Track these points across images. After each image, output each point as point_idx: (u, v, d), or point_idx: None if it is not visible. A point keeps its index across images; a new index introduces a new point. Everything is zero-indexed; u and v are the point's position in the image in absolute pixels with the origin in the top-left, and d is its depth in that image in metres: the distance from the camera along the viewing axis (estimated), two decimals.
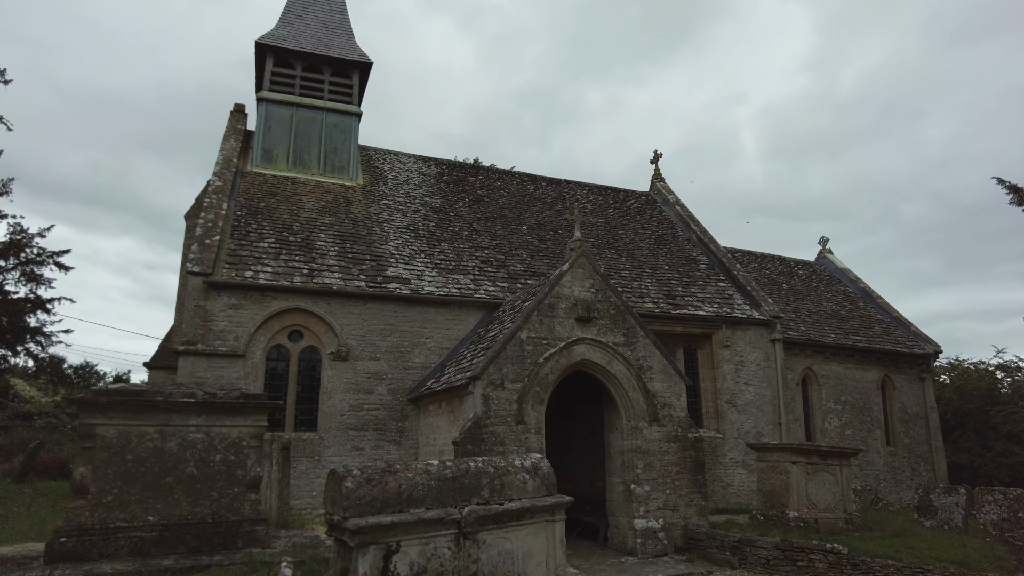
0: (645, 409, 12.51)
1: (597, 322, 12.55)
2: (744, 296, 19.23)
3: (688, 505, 12.41)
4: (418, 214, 18.32)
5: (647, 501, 12.08)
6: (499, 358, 11.67)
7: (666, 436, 12.52)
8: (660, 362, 12.87)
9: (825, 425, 20.23)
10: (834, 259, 26.66)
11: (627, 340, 12.71)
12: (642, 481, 12.14)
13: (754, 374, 18.17)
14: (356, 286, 14.86)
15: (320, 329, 14.59)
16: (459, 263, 16.70)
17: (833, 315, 22.74)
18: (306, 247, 15.61)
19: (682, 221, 22.20)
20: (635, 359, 12.64)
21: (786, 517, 11.99)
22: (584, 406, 14.71)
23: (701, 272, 19.95)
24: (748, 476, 17.44)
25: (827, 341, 20.64)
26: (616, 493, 12.54)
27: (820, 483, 12.43)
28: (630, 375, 12.52)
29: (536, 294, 12.66)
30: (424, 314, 15.27)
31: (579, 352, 12.26)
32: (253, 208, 16.44)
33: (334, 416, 14.24)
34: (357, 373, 14.58)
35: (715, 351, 17.86)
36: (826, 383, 20.48)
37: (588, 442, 14.60)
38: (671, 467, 12.44)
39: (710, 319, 17.75)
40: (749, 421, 17.80)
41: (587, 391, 14.04)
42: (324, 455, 14.01)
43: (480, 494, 6.69)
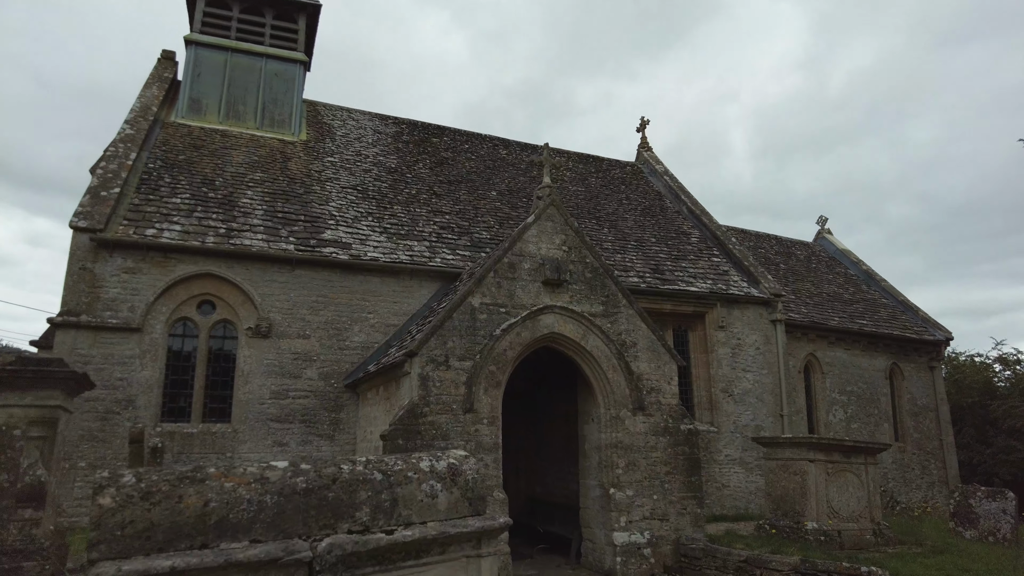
0: (628, 395, 9.94)
1: (569, 287, 9.96)
2: (741, 272, 16.73)
3: (680, 514, 9.86)
4: (368, 174, 15.63)
5: (630, 509, 9.51)
6: (443, 329, 9.04)
7: (653, 428, 9.97)
8: (647, 337, 10.30)
9: (829, 418, 17.78)
10: (833, 240, 24.26)
11: (606, 310, 10.13)
12: (623, 484, 9.58)
13: (753, 359, 15.66)
14: (282, 249, 12.15)
15: (237, 299, 11.88)
16: (414, 228, 14.05)
17: (835, 298, 20.30)
18: (227, 205, 12.88)
19: (671, 192, 19.68)
20: (616, 333, 10.07)
21: (802, 528, 9.47)
22: (559, 392, 12.12)
23: (693, 246, 17.42)
24: (747, 476, 14.94)
25: (832, 324, 18.18)
26: (591, 499, 9.96)
27: (843, 486, 9.92)
28: (610, 353, 9.95)
29: (494, 252, 10.04)
30: (367, 284, 12.59)
31: (546, 323, 9.67)
32: (170, 161, 13.69)
33: (252, 405, 11.55)
34: (281, 353, 11.88)
35: (709, 333, 15.34)
36: (830, 371, 18.02)
37: (563, 436, 12.02)
38: (659, 466, 9.89)
39: (703, 296, 15.22)
40: (747, 412, 15.29)
41: (563, 373, 11.44)
42: (239, 452, 11.31)
43: (355, 516, 4.01)
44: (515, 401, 13.55)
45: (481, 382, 9.03)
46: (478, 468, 4.65)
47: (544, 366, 12.44)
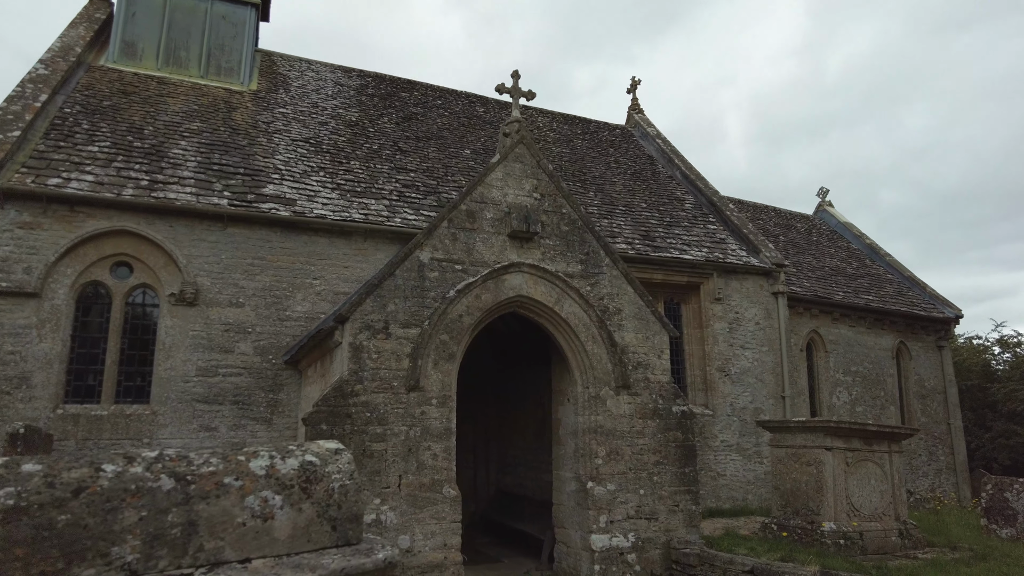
0: (610, 370, 8.20)
1: (541, 242, 8.18)
2: (739, 241, 14.97)
3: (672, 511, 8.17)
4: (325, 127, 13.72)
5: (611, 506, 7.81)
6: (382, 290, 7.25)
7: (640, 410, 8.26)
8: (634, 303, 8.55)
9: (833, 400, 16.13)
10: (835, 213, 22.53)
11: (586, 270, 8.37)
12: (604, 476, 7.87)
13: (752, 335, 13.95)
14: (213, 204, 10.29)
15: (158, 261, 10.03)
16: (372, 185, 12.20)
17: (838, 272, 18.60)
18: (155, 155, 10.99)
19: (664, 156, 17.85)
20: (597, 298, 8.31)
21: (817, 530, 7.79)
22: (534, 369, 10.39)
23: (687, 213, 15.63)
24: (745, 464, 13.28)
25: (836, 299, 16.47)
26: (566, 494, 8.25)
27: (864, 479, 8.23)
28: (589, 320, 8.19)
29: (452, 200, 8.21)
30: (312, 246, 10.76)
31: (513, 284, 7.89)
32: (92, 107, 11.75)
33: (175, 383, 9.74)
34: (210, 324, 10.07)
35: (704, 306, 13.60)
36: (834, 350, 16.35)
37: (537, 420, 10.29)
38: (647, 455, 8.18)
39: (698, 264, 13.46)
40: (746, 394, 13.60)
41: (538, 346, 9.69)
42: (158, 437, 9.53)
43: (111, 554, 2.27)
44: (481, 379, 11.80)
45: (430, 354, 7.26)
46: (351, 472, 2.90)
47: (517, 338, 10.69)
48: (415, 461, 6.96)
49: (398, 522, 6.77)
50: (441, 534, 6.92)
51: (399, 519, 6.78)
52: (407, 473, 6.91)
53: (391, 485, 6.82)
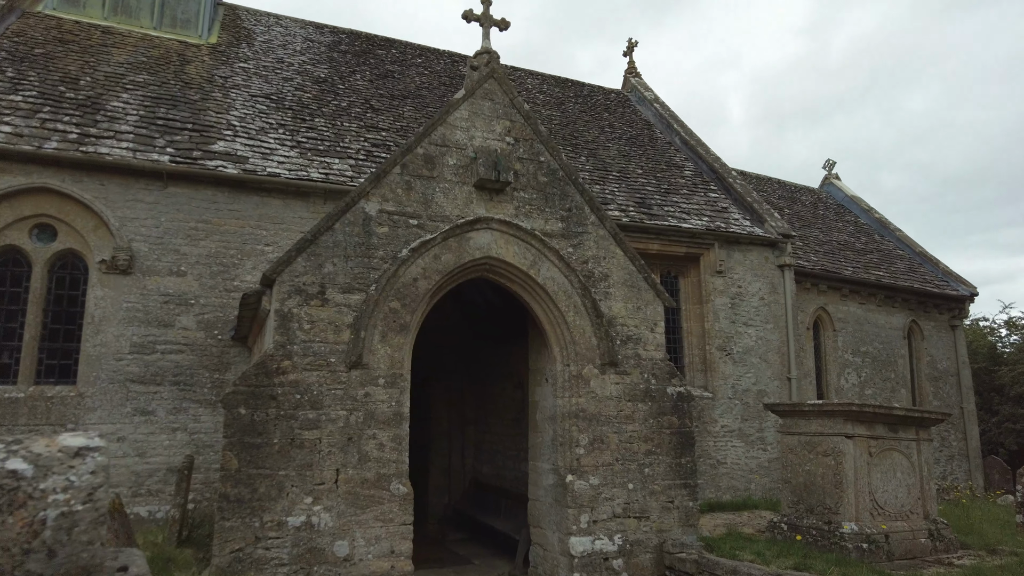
0: (595, 345, 6.93)
1: (515, 195, 6.87)
2: (743, 210, 13.64)
3: (665, 508, 6.95)
4: (290, 83, 12.35)
5: (594, 503, 6.58)
6: (317, 246, 5.97)
7: (630, 391, 7.00)
8: (623, 268, 7.26)
9: (841, 382, 14.88)
10: (842, 186, 21.13)
11: (567, 229, 7.07)
12: (586, 469, 6.64)
13: (756, 311, 12.67)
14: (151, 160, 8.98)
15: (87, 224, 8.74)
16: (337, 144, 10.86)
17: (847, 247, 17.27)
18: (89, 107, 9.65)
19: (662, 122, 16.44)
20: (580, 261, 7.03)
21: (835, 531, 6.56)
22: (514, 346, 9.14)
23: (686, 180, 14.28)
24: (747, 450, 12.06)
25: (845, 275, 15.16)
26: (543, 488, 7.03)
27: (889, 471, 6.98)
28: (570, 287, 6.91)
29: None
30: (265, 208, 9.45)
31: (480, 244, 6.60)
32: (20, 54, 10.39)
33: (106, 361, 8.50)
34: (147, 295, 8.80)
35: (704, 279, 12.30)
36: (843, 329, 15.07)
37: (517, 403, 9.06)
38: (637, 444, 6.94)
39: (698, 234, 12.14)
40: (748, 375, 12.35)
41: (520, 321, 8.44)
42: (85, 421, 8.30)
43: None
44: (458, 358, 10.56)
45: (376, 325, 5.98)
46: (93, 489, 1.56)
47: (498, 312, 9.43)
48: (356, 452, 5.72)
49: (334, 525, 5.54)
50: (387, 539, 5.69)
51: (335, 521, 5.55)
52: (346, 467, 5.67)
53: (326, 481, 5.59)
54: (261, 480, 5.39)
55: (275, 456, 5.46)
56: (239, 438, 5.38)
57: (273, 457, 5.45)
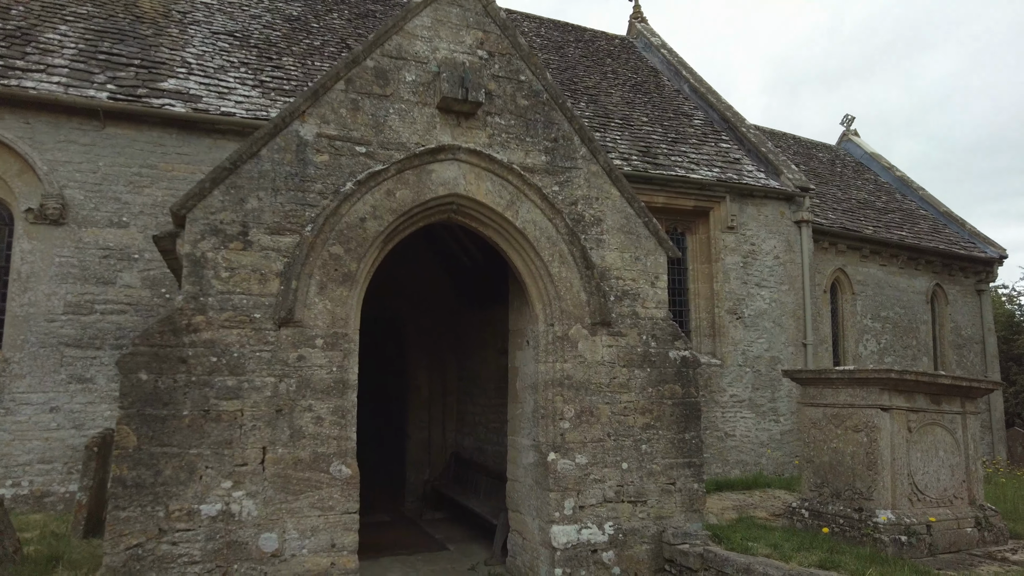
0: (584, 302, 5.78)
1: (489, 120, 5.66)
2: (757, 162, 12.30)
3: (666, 491, 5.86)
4: (257, 20, 11.03)
5: (581, 486, 5.51)
6: (239, 177, 4.80)
7: (626, 355, 5.86)
8: (619, 211, 6.06)
9: (859, 349, 13.67)
10: (861, 143, 19.59)
11: (552, 163, 5.86)
12: (572, 445, 5.55)
13: (770, 271, 11.43)
14: (87, 97, 7.80)
15: (9, 168, 7.60)
16: (306, 83, 9.57)
17: (866, 205, 15.88)
18: (19, 39, 8.43)
19: (670, 68, 14.98)
20: (568, 202, 5.83)
21: (868, 520, 5.45)
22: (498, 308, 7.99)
23: (695, 129, 12.92)
24: (758, 422, 10.95)
25: (866, 234, 13.83)
26: (522, 467, 5.95)
27: (931, 450, 5.84)
28: (555, 233, 5.74)
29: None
30: (218, 152, 8.23)
31: (445, 178, 5.41)
32: None
33: (36, 323, 7.45)
34: (83, 248, 7.70)
35: (714, 236, 11.04)
36: (862, 292, 13.80)
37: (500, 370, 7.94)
38: (634, 416, 5.82)
39: (708, 185, 10.85)
40: (761, 340, 11.17)
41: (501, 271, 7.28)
42: (12, 390, 7.28)
43: None
44: (440, 322, 9.44)
45: (313, 274, 4.85)
46: None
47: (482, 270, 8.28)
48: (288, 427, 4.63)
49: (260, 514, 4.49)
50: (327, 530, 4.64)
51: (261, 510, 4.50)
52: (275, 444, 4.59)
53: (250, 461, 4.51)
54: (167, 460, 4.32)
55: (185, 431, 4.38)
56: (139, 409, 4.30)
57: (182, 432, 4.38)
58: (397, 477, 9.20)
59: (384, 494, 9.31)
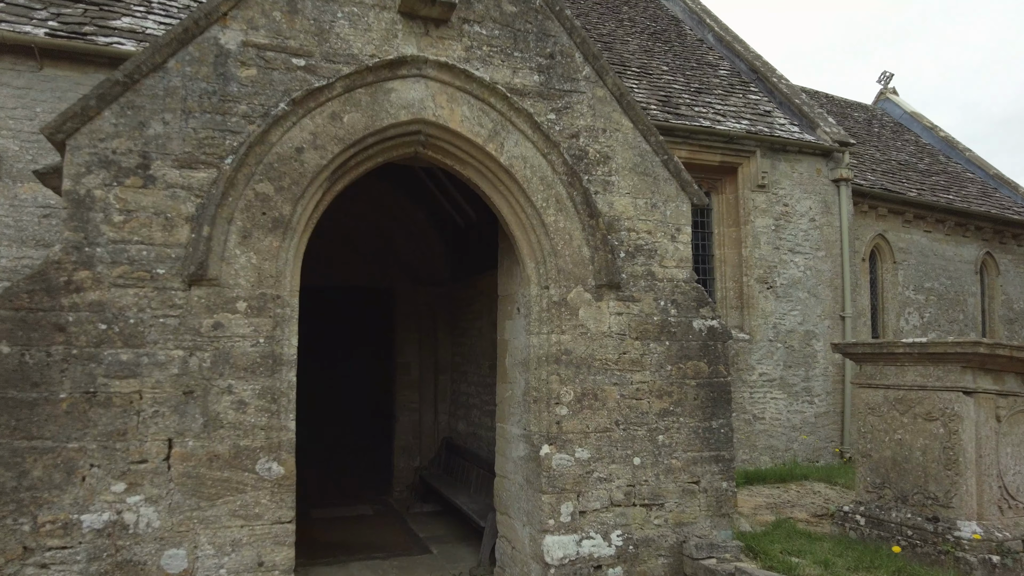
0: (587, 258, 4.62)
1: (468, 30, 4.47)
2: (790, 114, 10.89)
3: (687, 492, 4.74)
4: None
5: (582, 487, 4.41)
6: (138, 94, 3.68)
7: (638, 325, 4.70)
8: (632, 147, 4.85)
9: (900, 324, 12.29)
10: (900, 102, 17.90)
11: (547, 85, 4.67)
12: (571, 437, 4.43)
13: (805, 235, 10.10)
14: (21, 32, 6.74)
15: None
16: None
17: (908, 167, 14.34)
18: None
19: (692, 17, 13.51)
20: (567, 134, 4.64)
21: (947, 533, 4.28)
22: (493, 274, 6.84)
23: (721, 80, 11.52)
24: (789, 404, 9.73)
25: (910, 196, 12.37)
26: (512, 461, 4.86)
27: (1022, 444, 4.64)
28: (551, 173, 4.56)
29: None
30: None
31: (408, 99, 4.25)
32: None
33: None
34: (20, 207, 6.67)
35: (742, 196, 9.72)
36: (904, 261, 12.37)
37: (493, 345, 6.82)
38: (648, 400, 4.69)
39: (737, 137, 9.51)
40: (794, 313, 9.89)
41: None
42: None
43: None
44: (434, 292, 8.34)
45: (234, 218, 3.75)
46: None
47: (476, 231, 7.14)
48: (201, 414, 3.58)
49: (163, 525, 3.46)
50: (252, 545, 3.60)
51: (166, 520, 3.47)
52: (184, 436, 3.54)
53: (150, 458, 3.48)
54: (36, 458, 3.30)
55: (62, 419, 3.35)
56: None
57: (58, 421, 3.34)
58: (384, 465, 8.20)
59: (370, 483, 8.33)
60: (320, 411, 10.46)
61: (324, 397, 10.52)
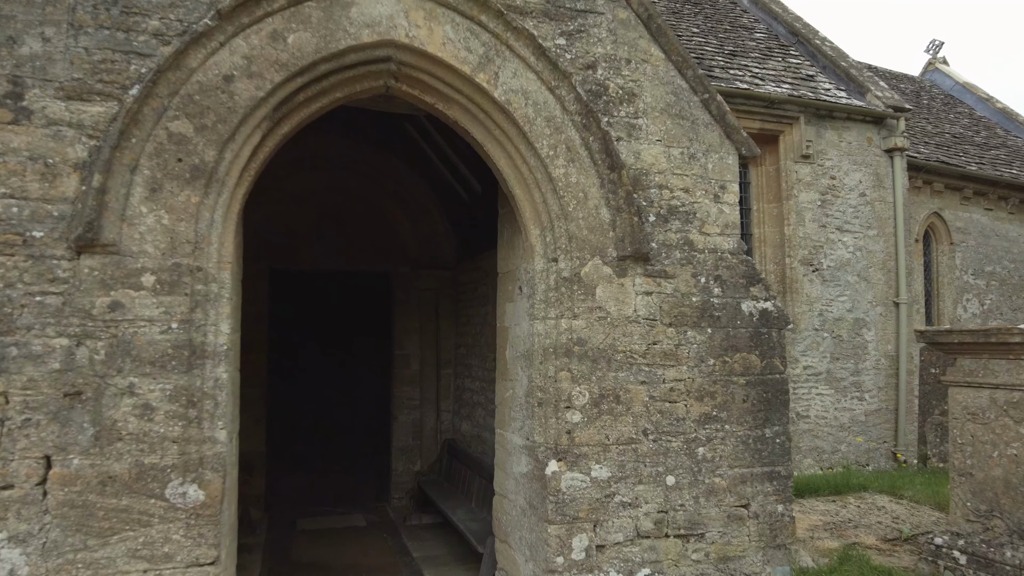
0: (606, 221, 3.62)
1: None
2: (835, 79, 9.66)
3: (735, 519, 3.75)
4: None
5: (599, 514, 3.43)
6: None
7: (673, 307, 3.70)
8: (664, 81, 3.83)
9: (958, 311, 10.99)
10: (951, 72, 16.37)
11: (555, 0, 3.68)
12: (586, 450, 3.46)
13: (855, 212, 8.90)
14: None
15: None
16: None
17: (963, 140, 12.94)
18: None
19: None
20: (582, 64, 3.65)
21: None
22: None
23: (757, 43, 10.32)
24: (837, 400, 8.58)
25: (970, 171, 11.05)
26: (513, 478, 3.90)
27: None
28: (560, 112, 3.57)
29: None
30: None
31: (372, 15, 3.28)
32: None
33: None
34: None
35: (784, 167, 8.57)
36: (963, 242, 11.06)
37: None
38: (685, 403, 3.69)
39: (778, 101, 8.35)
40: (843, 299, 8.73)
41: None
42: None
43: None
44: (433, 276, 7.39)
45: (140, 165, 2.83)
46: None
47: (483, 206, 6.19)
48: (91, 423, 2.69)
49: (35, 573, 2.58)
50: None
51: (38, 566, 2.58)
52: (68, 452, 2.65)
53: (17, 482, 2.59)
54: None
55: None
56: None
57: None
58: (380, 469, 7.32)
59: (368, 487, 7.46)
60: (321, 408, 9.64)
61: (324, 394, 9.70)
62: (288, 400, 8.04)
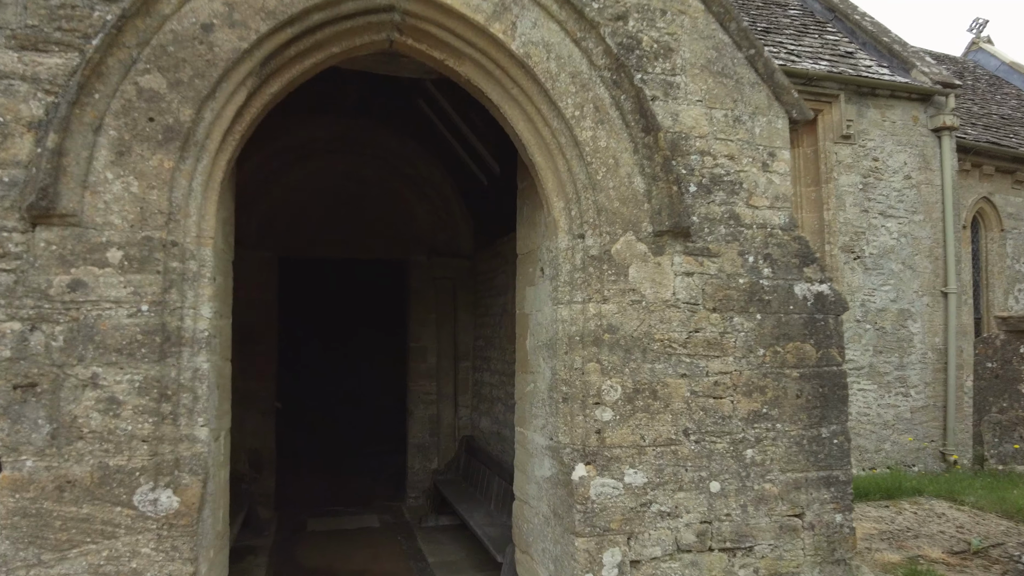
0: (640, 191, 3.17)
1: None
2: (876, 55, 9.01)
3: (788, 530, 3.28)
4: None
5: (635, 525, 2.99)
6: None
7: (717, 290, 3.23)
8: (703, 33, 3.34)
9: (1009, 303, 10.25)
10: (996, 51, 15.43)
11: None
12: (617, 452, 3.01)
13: (899, 195, 8.27)
14: None
15: None
16: None
17: (1013, 121, 12.12)
18: None
19: None
20: (612, 15, 3.16)
21: None
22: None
23: (791, 20, 9.71)
24: (881, 396, 7.99)
25: (1021, 152, 10.34)
26: (535, 482, 3.47)
27: None
28: (586, 67, 3.12)
29: None
30: None
31: None
32: None
33: None
34: None
35: (823, 148, 7.98)
36: (1015, 228, 10.30)
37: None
38: (731, 398, 3.23)
39: (816, 78, 7.76)
40: (886, 288, 8.11)
41: None
42: None
43: None
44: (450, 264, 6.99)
45: (105, 124, 2.46)
46: None
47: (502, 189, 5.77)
48: (47, 419, 2.33)
49: None
50: None
51: None
52: (20, 452, 2.30)
53: None
54: None
55: None
56: None
57: None
58: (396, 468, 6.96)
59: (384, 485, 7.11)
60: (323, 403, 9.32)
61: (327, 388, 9.38)
62: (292, 393, 7.70)
